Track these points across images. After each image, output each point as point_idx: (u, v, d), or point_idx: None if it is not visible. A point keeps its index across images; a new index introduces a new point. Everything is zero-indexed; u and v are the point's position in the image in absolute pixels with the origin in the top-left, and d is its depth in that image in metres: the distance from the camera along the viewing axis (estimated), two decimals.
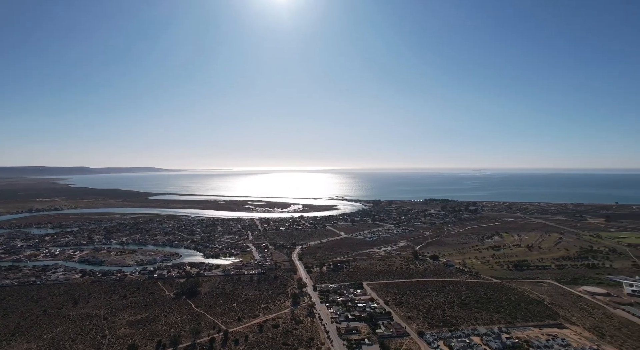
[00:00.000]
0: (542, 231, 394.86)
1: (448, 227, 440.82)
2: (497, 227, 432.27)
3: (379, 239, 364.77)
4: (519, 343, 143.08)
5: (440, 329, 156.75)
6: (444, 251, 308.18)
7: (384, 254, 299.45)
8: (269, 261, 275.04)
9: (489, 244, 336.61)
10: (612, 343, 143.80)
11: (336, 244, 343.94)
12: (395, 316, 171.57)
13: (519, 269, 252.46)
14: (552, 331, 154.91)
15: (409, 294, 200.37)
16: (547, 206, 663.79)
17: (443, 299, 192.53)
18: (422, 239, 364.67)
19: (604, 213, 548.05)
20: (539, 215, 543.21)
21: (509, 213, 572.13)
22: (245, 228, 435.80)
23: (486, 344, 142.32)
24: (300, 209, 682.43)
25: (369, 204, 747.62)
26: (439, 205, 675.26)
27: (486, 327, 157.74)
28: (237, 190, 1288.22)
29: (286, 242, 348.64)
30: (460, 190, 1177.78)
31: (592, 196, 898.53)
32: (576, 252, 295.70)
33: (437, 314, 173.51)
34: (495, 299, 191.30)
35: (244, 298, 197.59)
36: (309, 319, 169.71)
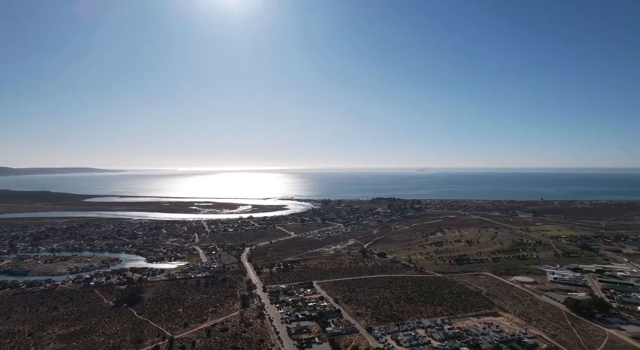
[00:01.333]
0: (480, 227, 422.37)
1: (394, 224, 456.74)
2: (440, 223, 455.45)
3: (328, 238, 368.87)
4: (459, 332, 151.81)
5: (387, 324, 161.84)
6: (391, 248, 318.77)
7: (334, 253, 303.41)
8: (217, 263, 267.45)
9: (432, 240, 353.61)
10: (537, 326, 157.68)
11: (286, 244, 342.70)
12: (344, 313, 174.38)
13: (459, 263, 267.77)
14: (488, 320, 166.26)
15: (358, 291, 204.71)
16: (484, 203, 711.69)
17: (390, 294, 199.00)
18: (370, 237, 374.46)
19: (531, 209, 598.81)
20: (477, 211, 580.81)
21: (450, 210, 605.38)
22: (191, 230, 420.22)
23: (430, 336, 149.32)
24: (250, 209, 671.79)
25: (318, 203, 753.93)
26: (386, 203, 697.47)
27: (430, 320, 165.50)
28: (183, 191, 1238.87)
29: (235, 243, 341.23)
30: (406, 189, 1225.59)
31: (523, 193, 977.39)
32: (509, 245, 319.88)
33: (385, 309, 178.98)
34: (439, 292, 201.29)
35: (190, 303, 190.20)
36: (259, 320, 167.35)
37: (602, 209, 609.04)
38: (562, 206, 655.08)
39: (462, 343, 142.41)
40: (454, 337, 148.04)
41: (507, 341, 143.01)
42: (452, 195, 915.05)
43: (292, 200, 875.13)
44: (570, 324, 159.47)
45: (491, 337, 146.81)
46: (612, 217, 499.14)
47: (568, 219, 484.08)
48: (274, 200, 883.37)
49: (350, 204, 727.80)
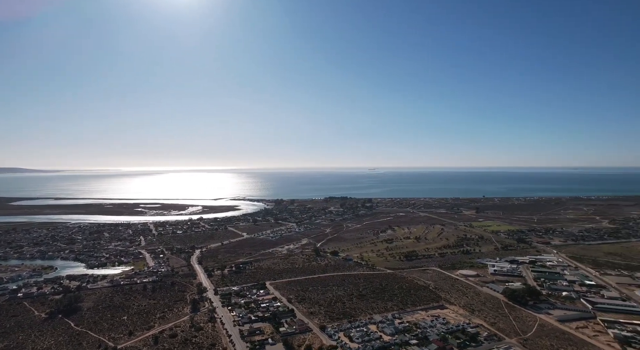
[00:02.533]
0: (427, 224, 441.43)
1: (347, 223, 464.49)
2: (390, 221, 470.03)
3: (281, 238, 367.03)
4: (409, 326, 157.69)
5: (340, 322, 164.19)
6: (344, 246, 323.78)
7: (287, 253, 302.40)
8: (165, 267, 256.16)
9: (383, 237, 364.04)
10: (479, 316, 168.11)
11: (238, 245, 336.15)
12: (298, 313, 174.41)
13: (409, 259, 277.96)
14: (435, 312, 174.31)
15: (311, 290, 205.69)
16: (432, 201, 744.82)
17: (343, 292, 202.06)
18: (323, 236, 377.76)
19: (474, 205, 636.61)
20: (425, 209, 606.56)
21: (400, 208, 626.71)
22: (137, 233, 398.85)
23: (381, 331, 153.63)
24: (200, 210, 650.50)
25: (271, 203, 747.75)
26: (339, 202, 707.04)
27: (381, 315, 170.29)
28: (128, 192, 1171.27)
29: (184, 246, 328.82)
30: (358, 188, 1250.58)
31: (466, 191, 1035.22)
32: (454, 241, 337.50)
33: (338, 307, 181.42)
34: (389, 288, 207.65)
35: (136, 309, 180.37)
36: (210, 324, 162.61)
37: (534, 204, 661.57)
38: (501, 203, 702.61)
39: (411, 336, 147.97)
40: (404, 330, 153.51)
41: (452, 332, 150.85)
42: (402, 194, 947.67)
43: (244, 200, 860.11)
44: (507, 312, 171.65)
45: (438, 329, 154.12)
46: (543, 212, 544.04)
47: (506, 215, 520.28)
48: (226, 200, 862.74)
49: (303, 203, 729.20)
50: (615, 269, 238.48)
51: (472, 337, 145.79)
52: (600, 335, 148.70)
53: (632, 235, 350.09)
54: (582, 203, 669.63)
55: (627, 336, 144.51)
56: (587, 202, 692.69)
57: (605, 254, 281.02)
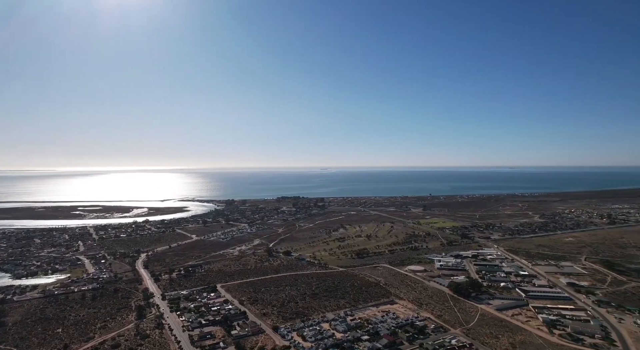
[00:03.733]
0: (378, 222, 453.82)
1: (299, 223, 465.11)
2: (342, 220, 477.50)
3: (233, 239, 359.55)
4: (360, 323, 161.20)
5: (293, 321, 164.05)
6: (296, 246, 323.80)
7: (239, 254, 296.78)
8: (107, 273, 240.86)
9: (335, 236, 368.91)
10: (426, 309, 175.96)
11: (187, 248, 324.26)
12: (250, 315, 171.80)
13: (360, 256, 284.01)
14: (386, 308, 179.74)
15: (264, 291, 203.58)
16: (382, 199, 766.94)
17: (296, 291, 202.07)
18: (276, 236, 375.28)
19: (422, 203, 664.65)
20: (376, 207, 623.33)
21: (351, 207, 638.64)
22: (74, 238, 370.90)
23: (334, 328, 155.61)
24: (145, 212, 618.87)
25: (222, 204, 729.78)
26: (291, 202, 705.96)
27: (334, 313, 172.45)
28: (64, 194, 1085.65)
29: (129, 250, 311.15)
30: (310, 188, 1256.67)
31: (414, 190, 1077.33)
32: (403, 238, 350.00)
33: (291, 307, 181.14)
34: (342, 286, 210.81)
35: (73, 320, 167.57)
36: (158, 331, 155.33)
37: (477, 202, 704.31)
38: (446, 201, 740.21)
39: (363, 332, 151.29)
40: (355, 327, 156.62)
41: (402, 326, 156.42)
42: (353, 193, 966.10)
43: (194, 201, 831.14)
44: (452, 304, 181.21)
45: (389, 323, 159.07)
46: (484, 209, 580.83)
47: (451, 212, 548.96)
48: (173, 201, 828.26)
49: (255, 203, 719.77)
50: (544, 260, 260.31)
51: (420, 330, 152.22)
52: (532, 320, 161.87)
53: (558, 228, 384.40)
54: (518, 200, 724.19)
55: (553, 320, 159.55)
56: (522, 198, 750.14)
57: (537, 246, 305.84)
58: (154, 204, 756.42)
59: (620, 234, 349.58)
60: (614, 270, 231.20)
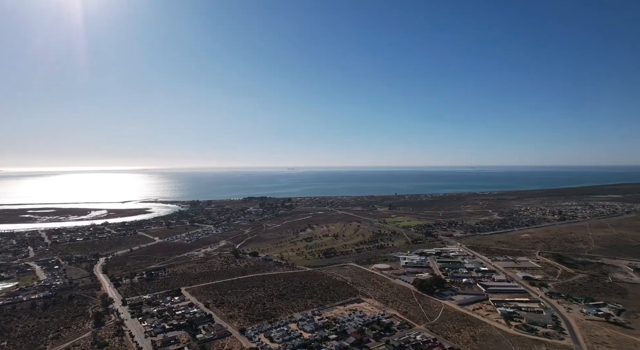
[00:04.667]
0: (345, 221, 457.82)
1: (266, 223, 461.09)
2: (310, 220, 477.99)
3: (198, 241, 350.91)
4: (328, 322, 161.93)
5: (261, 323, 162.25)
6: (263, 247, 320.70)
7: (204, 256, 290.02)
8: (61, 280, 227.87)
9: (302, 236, 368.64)
10: (392, 306, 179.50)
11: (150, 251, 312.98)
12: (216, 318, 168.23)
13: (327, 256, 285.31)
14: (353, 306, 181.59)
15: (230, 293, 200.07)
16: (349, 199, 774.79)
17: (263, 293, 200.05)
18: (242, 237, 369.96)
19: (388, 202, 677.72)
20: (343, 207, 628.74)
21: (319, 207, 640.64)
22: (23, 243, 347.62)
23: (301, 328, 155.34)
24: (104, 214, 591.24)
25: (186, 205, 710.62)
26: (258, 202, 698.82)
27: (301, 313, 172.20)
28: (10, 196, 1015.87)
29: (86, 254, 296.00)
30: (277, 188, 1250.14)
31: (380, 189, 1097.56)
32: (370, 237, 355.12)
33: (258, 308, 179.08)
34: (309, 285, 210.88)
35: (21, 332, 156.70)
36: (118, 338, 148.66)
37: (440, 201, 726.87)
38: (411, 200, 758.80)
39: (330, 331, 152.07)
40: (323, 326, 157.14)
41: (369, 323, 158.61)
42: (320, 193, 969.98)
43: (156, 202, 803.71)
44: (417, 301, 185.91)
45: (356, 322, 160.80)
46: (447, 207, 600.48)
47: (416, 211, 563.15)
48: (135, 203, 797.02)
49: (221, 204, 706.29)
50: (503, 255, 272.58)
51: (387, 327, 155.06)
52: (491, 313, 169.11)
53: (515, 225, 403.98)
54: (479, 198, 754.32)
55: (510, 312, 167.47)
56: (482, 197, 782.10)
57: (496, 242, 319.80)
58: (114, 206, 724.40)
59: (569, 229, 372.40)
60: (563, 263, 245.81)
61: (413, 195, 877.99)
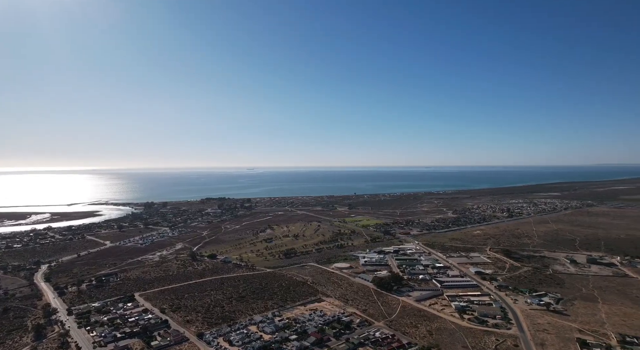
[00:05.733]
0: (305, 221, 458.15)
1: (225, 224, 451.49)
2: (270, 220, 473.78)
3: (152, 244, 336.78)
4: (288, 322, 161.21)
5: (219, 326, 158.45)
6: (222, 248, 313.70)
7: (159, 259, 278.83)
8: None
9: (262, 237, 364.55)
10: (352, 305, 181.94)
11: (100, 255, 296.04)
12: (172, 323, 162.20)
13: (288, 256, 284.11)
14: (313, 306, 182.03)
15: (188, 297, 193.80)
16: (309, 199, 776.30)
17: (222, 295, 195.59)
18: (200, 239, 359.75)
19: (347, 202, 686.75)
20: (303, 207, 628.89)
21: (279, 207, 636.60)
22: None
23: (262, 330, 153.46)
24: (47, 218, 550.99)
25: (140, 206, 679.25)
26: (216, 203, 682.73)
27: (262, 315, 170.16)
28: None
29: (24, 262, 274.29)
30: (236, 188, 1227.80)
31: (340, 189, 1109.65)
32: (330, 236, 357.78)
33: (217, 311, 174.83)
34: (269, 287, 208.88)
35: None
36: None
37: (397, 200, 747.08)
38: (370, 199, 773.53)
39: (291, 332, 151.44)
40: (284, 327, 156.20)
41: (329, 323, 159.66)
42: (280, 193, 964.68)
43: (107, 204, 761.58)
44: (376, 298, 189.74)
45: (316, 321, 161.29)
46: (404, 206, 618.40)
47: (374, 210, 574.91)
48: (83, 205, 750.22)
49: (177, 205, 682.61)
50: (456, 252, 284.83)
51: (347, 325, 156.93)
52: (446, 308, 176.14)
53: (468, 223, 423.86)
54: (434, 197, 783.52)
55: (464, 306, 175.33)
56: (437, 196, 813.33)
57: (450, 239, 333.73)
58: (59, 209, 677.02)
59: (516, 225, 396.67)
60: (511, 257, 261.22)
61: (372, 194, 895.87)
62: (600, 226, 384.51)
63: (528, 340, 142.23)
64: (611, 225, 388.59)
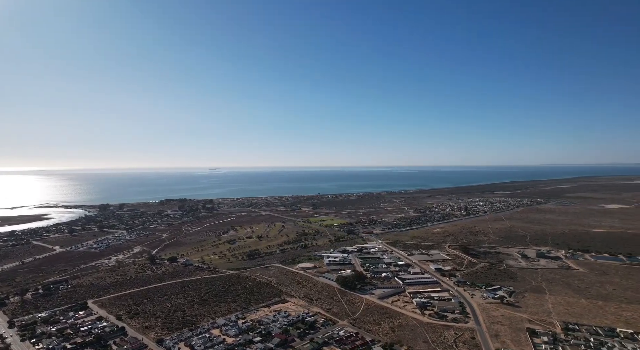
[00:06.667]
0: (269, 222, 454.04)
1: (186, 226, 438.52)
2: (233, 221, 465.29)
3: (108, 248, 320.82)
4: (252, 324, 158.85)
5: (180, 331, 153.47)
6: (183, 251, 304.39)
7: (116, 264, 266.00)
8: None
9: (225, 238, 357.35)
10: (317, 304, 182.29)
11: (48, 262, 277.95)
12: (130, 330, 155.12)
13: (251, 258, 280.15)
14: (277, 307, 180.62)
15: (146, 302, 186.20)
16: (273, 199, 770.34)
17: (183, 299, 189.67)
18: (160, 242, 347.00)
19: (311, 202, 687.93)
20: (267, 207, 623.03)
21: (242, 208, 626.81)
22: None
23: (225, 334, 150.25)
24: None
25: (94, 209, 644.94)
26: (177, 205, 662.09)
27: (225, 318, 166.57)
28: None
29: None
30: (198, 189, 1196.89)
31: (304, 189, 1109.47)
32: (294, 236, 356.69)
33: (177, 316, 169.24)
34: (232, 289, 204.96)
35: None
36: None
37: (361, 199, 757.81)
38: (334, 199, 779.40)
39: (255, 334, 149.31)
40: (247, 330, 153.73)
41: (293, 323, 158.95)
42: (244, 194, 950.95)
43: (57, 207, 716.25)
44: (340, 298, 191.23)
45: (280, 322, 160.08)
46: (367, 206, 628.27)
47: (338, 210, 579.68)
48: (29, 208, 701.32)
49: (135, 207, 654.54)
50: (418, 250, 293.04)
51: (311, 325, 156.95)
52: (408, 304, 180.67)
53: (428, 221, 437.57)
54: (396, 196, 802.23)
55: (424, 302, 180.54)
56: (399, 195, 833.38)
57: (412, 237, 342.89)
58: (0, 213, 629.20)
59: (473, 223, 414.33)
60: (469, 254, 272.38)
61: (336, 194, 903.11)
62: (548, 222, 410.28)
63: (484, 332, 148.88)
64: (557, 221, 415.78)
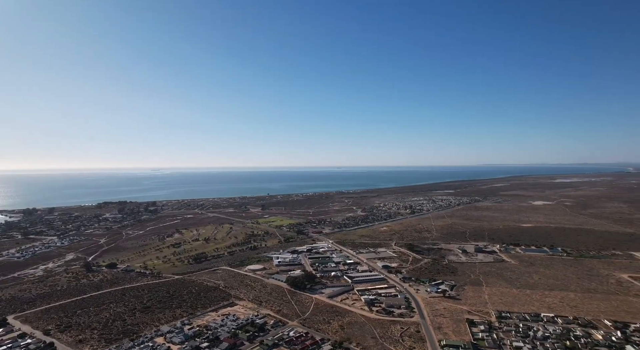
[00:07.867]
0: (217, 224, 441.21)
1: (127, 230, 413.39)
2: (178, 224, 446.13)
3: (34, 257, 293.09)
4: (199, 330, 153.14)
5: (120, 342, 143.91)
6: (123, 257, 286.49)
7: (44, 274, 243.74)
8: None
9: (169, 242, 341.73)
10: (266, 306, 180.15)
11: None
12: (60, 345, 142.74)
13: (198, 261, 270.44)
14: (226, 311, 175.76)
15: (80, 314, 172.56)
16: (220, 201, 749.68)
17: (123, 308, 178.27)
18: (97, 248, 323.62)
19: (260, 203, 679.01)
20: (214, 209, 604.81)
21: (188, 210, 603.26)
22: None
23: (170, 341, 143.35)
24: None
25: (17, 214, 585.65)
26: (116, 207, 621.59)
27: (169, 325, 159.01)
28: None
29: None
30: (140, 191, 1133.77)
31: (253, 190, 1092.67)
32: (243, 238, 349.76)
33: (117, 326, 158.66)
34: (177, 294, 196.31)
35: None
36: None
37: (310, 199, 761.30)
38: (283, 199, 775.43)
39: (202, 340, 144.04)
40: (194, 336, 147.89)
41: (242, 326, 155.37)
42: (190, 195, 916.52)
43: None
44: (290, 298, 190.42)
45: (229, 326, 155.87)
46: (317, 206, 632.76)
47: (288, 210, 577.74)
48: None
49: (68, 211, 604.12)
50: (366, 248, 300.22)
51: (261, 327, 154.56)
52: (357, 302, 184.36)
53: (375, 220, 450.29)
54: (344, 196, 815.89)
55: (372, 299, 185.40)
56: (348, 195, 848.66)
57: (360, 236, 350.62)
58: None
59: (418, 221, 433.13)
60: (414, 251, 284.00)
61: (285, 195, 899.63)
62: (485, 219, 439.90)
63: (428, 326, 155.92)
64: (493, 218, 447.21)
